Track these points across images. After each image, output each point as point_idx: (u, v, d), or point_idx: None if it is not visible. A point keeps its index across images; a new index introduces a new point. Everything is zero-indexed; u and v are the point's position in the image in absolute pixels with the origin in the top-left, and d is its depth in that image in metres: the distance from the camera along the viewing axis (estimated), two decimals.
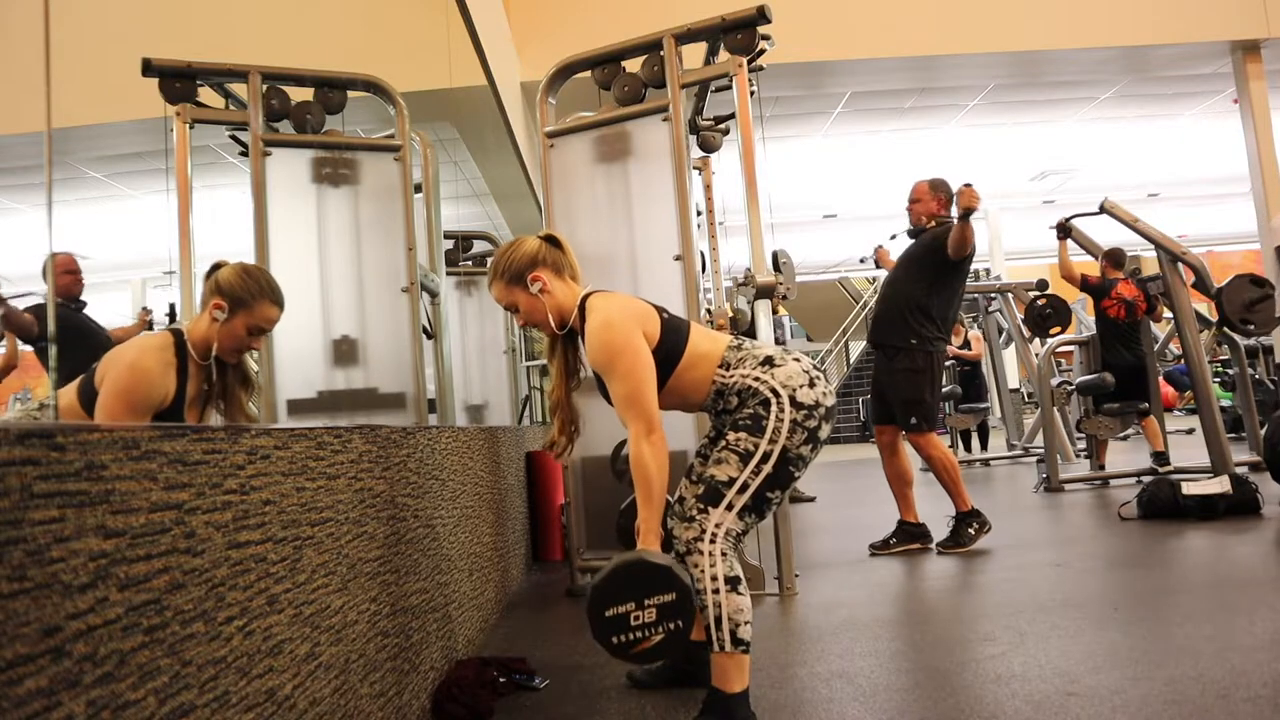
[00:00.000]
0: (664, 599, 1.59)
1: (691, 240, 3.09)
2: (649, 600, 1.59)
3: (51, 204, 1.49)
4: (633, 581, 1.60)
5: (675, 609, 1.59)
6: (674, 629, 1.59)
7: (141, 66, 2.98)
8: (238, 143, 3.26)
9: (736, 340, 1.87)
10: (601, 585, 1.61)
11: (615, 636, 1.60)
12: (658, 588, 1.59)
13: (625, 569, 1.61)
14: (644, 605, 1.59)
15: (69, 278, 3.05)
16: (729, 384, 1.80)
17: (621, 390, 1.73)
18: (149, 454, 0.90)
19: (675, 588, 1.59)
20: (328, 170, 3.26)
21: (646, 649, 1.60)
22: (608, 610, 1.60)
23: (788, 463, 1.73)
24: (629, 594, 1.59)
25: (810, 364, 1.82)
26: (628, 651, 1.61)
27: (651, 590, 1.59)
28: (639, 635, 1.59)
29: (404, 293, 3.25)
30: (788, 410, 1.73)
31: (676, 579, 1.60)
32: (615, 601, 1.60)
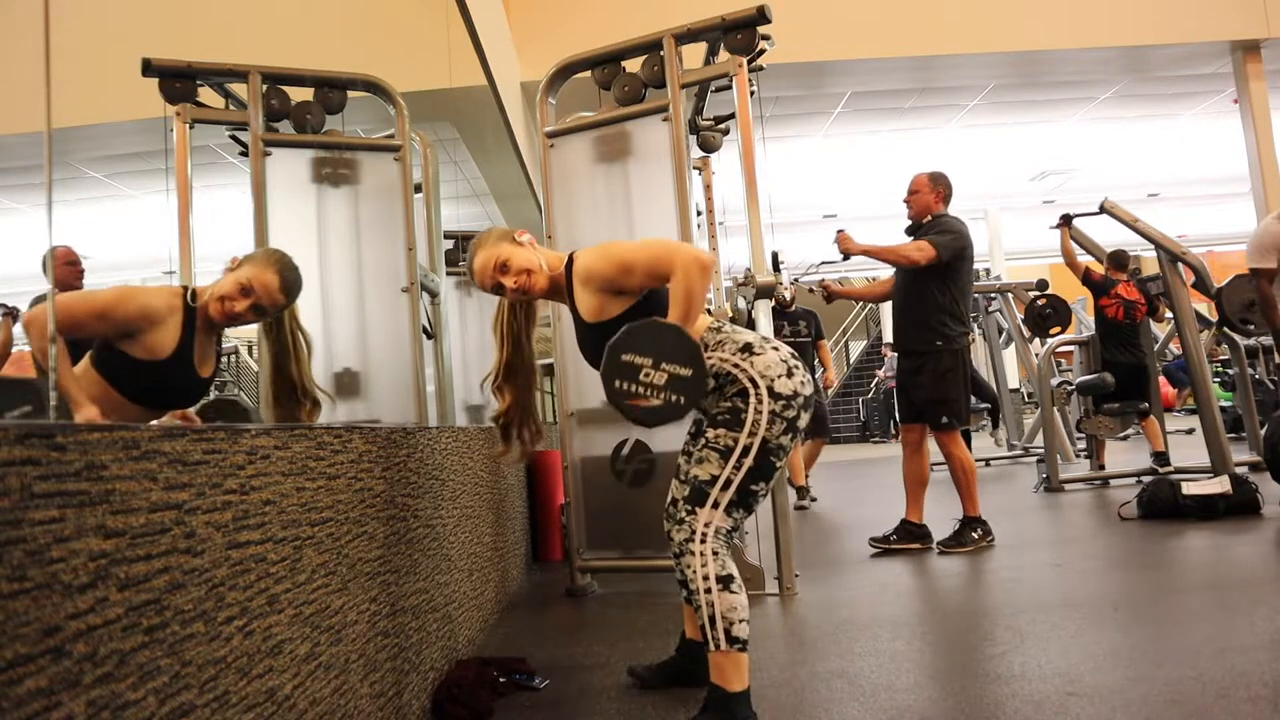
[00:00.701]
0: (680, 370, 1.62)
1: (691, 240, 3.09)
2: (666, 364, 1.62)
3: (51, 204, 1.49)
4: (662, 341, 1.63)
5: (685, 384, 1.62)
6: (674, 401, 1.62)
7: (141, 66, 2.98)
8: (238, 143, 3.26)
9: (717, 324, 1.86)
10: (634, 330, 1.65)
11: (620, 381, 1.63)
12: (679, 357, 1.62)
13: (662, 328, 1.65)
14: (660, 366, 1.63)
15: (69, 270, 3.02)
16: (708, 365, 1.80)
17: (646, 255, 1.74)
18: (149, 454, 0.90)
19: (696, 366, 1.62)
20: (328, 170, 3.26)
21: (639, 406, 1.64)
22: (625, 354, 1.64)
23: (768, 453, 1.73)
24: (652, 350, 1.63)
25: (789, 353, 1.81)
26: (623, 400, 1.64)
27: (674, 356, 1.62)
28: (640, 390, 1.63)
29: (404, 293, 3.25)
30: (765, 401, 1.72)
31: (703, 362, 1.64)
32: (637, 350, 1.63)
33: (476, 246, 1.87)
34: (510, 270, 1.82)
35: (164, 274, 3.05)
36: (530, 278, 1.83)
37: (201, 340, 1.90)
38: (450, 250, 5.05)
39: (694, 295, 1.68)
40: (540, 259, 1.85)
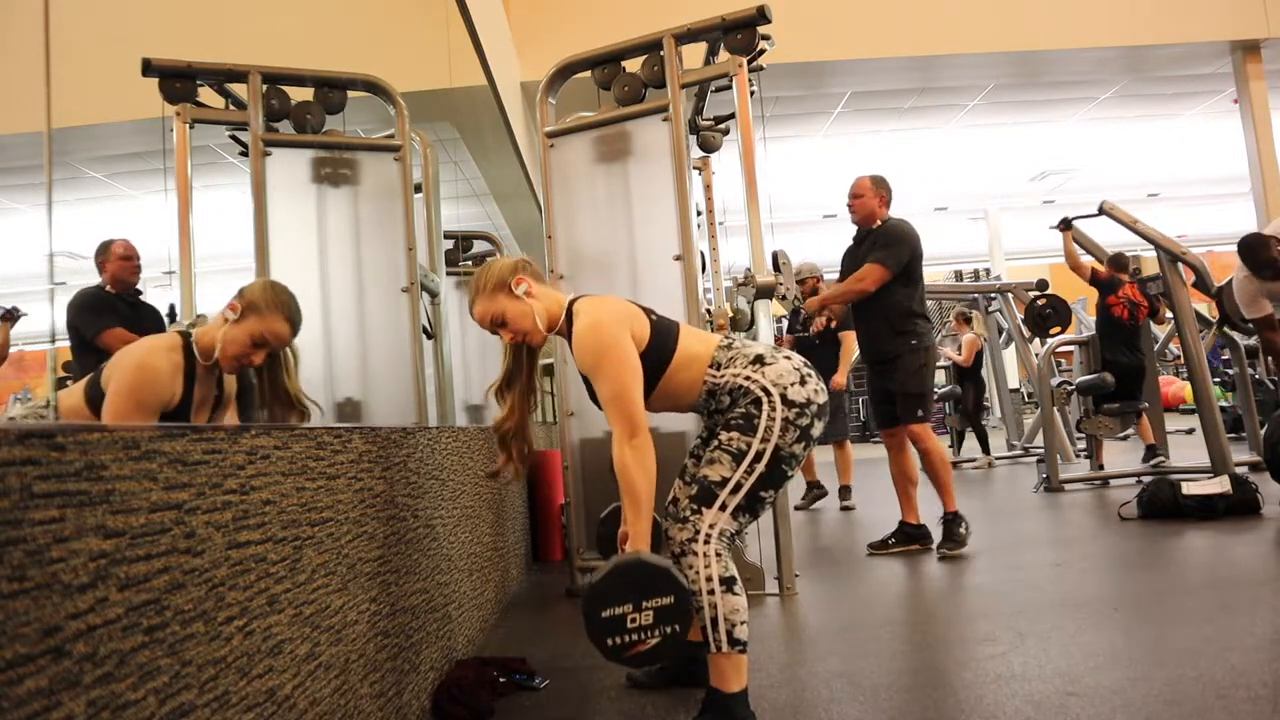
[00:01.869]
0: (662, 602, 1.57)
1: (691, 240, 3.09)
2: (647, 603, 1.57)
3: (51, 204, 1.49)
4: (631, 583, 1.58)
5: (673, 612, 1.57)
6: (671, 632, 1.57)
7: (141, 66, 2.98)
8: (238, 143, 3.26)
9: (727, 340, 1.86)
10: (599, 586, 1.60)
11: (611, 638, 1.58)
12: (656, 590, 1.57)
13: (624, 569, 1.59)
14: (642, 607, 1.57)
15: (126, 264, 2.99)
16: (720, 384, 1.80)
17: (607, 391, 1.72)
18: (149, 454, 0.90)
19: (674, 590, 1.57)
20: (328, 170, 3.26)
21: (643, 652, 1.59)
22: (604, 611, 1.58)
23: (780, 461, 1.73)
24: (627, 595, 1.57)
25: (801, 361, 1.81)
26: (623, 654, 1.59)
27: (650, 592, 1.57)
28: (635, 638, 1.57)
29: (404, 293, 3.24)
30: (779, 409, 1.72)
31: (675, 581, 1.58)
32: (613, 603, 1.58)
33: (476, 290, 1.86)
34: (507, 327, 1.84)
35: (164, 274, 3.05)
36: (527, 337, 1.85)
37: (201, 390, 1.91)
38: (450, 250, 5.06)
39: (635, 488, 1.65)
40: (538, 313, 1.83)
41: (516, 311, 1.82)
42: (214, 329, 1.88)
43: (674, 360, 1.81)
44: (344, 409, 3.17)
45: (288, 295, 1.93)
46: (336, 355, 3.21)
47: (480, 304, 1.85)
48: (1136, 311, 5.47)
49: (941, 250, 14.95)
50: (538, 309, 1.83)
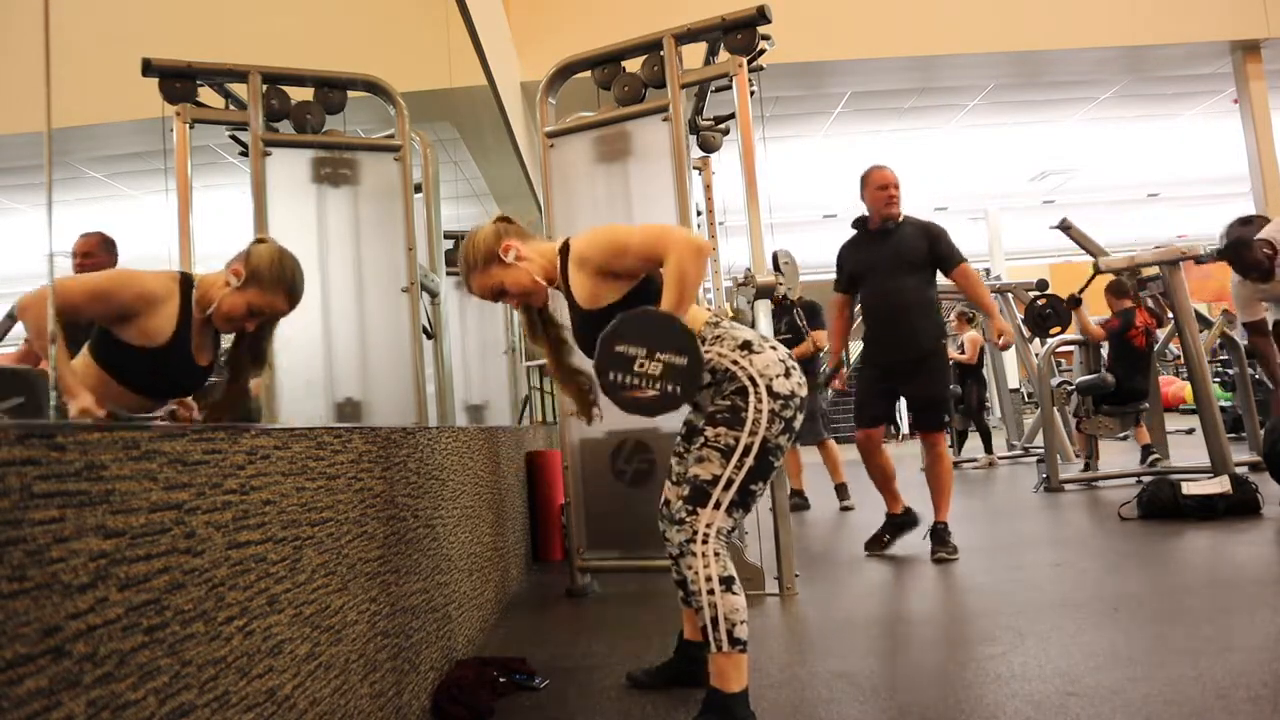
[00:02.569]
0: (675, 359, 1.60)
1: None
2: (661, 353, 1.60)
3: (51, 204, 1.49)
4: (656, 330, 1.61)
5: (681, 373, 1.60)
6: (671, 391, 1.60)
7: (141, 66, 2.98)
8: (238, 143, 3.26)
9: (715, 318, 1.85)
10: (625, 320, 1.63)
11: (615, 373, 1.62)
12: (673, 345, 1.60)
13: (656, 316, 1.63)
14: (654, 356, 1.60)
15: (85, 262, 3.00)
16: (705, 359, 1.79)
17: (641, 235, 1.73)
18: (149, 454, 0.90)
19: (691, 355, 1.60)
20: (328, 170, 3.26)
21: (636, 398, 1.62)
22: (619, 345, 1.62)
23: (767, 453, 1.73)
24: (646, 339, 1.61)
25: (785, 353, 1.81)
26: (618, 393, 1.63)
27: (668, 345, 1.60)
28: (635, 381, 1.61)
29: (404, 293, 3.25)
30: (765, 400, 1.71)
31: (697, 350, 1.62)
32: (630, 340, 1.61)
33: (468, 268, 1.87)
34: (509, 294, 1.86)
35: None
36: (530, 296, 1.87)
37: (199, 329, 1.89)
38: (450, 250, 5.06)
39: (688, 279, 1.66)
40: (532, 268, 1.83)
41: (512, 278, 1.84)
42: (216, 287, 1.87)
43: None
44: (344, 409, 3.17)
45: (294, 271, 1.91)
46: (336, 355, 3.21)
47: (476, 281, 1.86)
48: (1152, 334, 5.51)
49: None
50: (533, 268, 1.84)
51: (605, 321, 1.68)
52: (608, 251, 1.75)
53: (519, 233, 1.88)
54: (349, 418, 3.16)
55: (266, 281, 1.86)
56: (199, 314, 1.88)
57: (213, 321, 1.88)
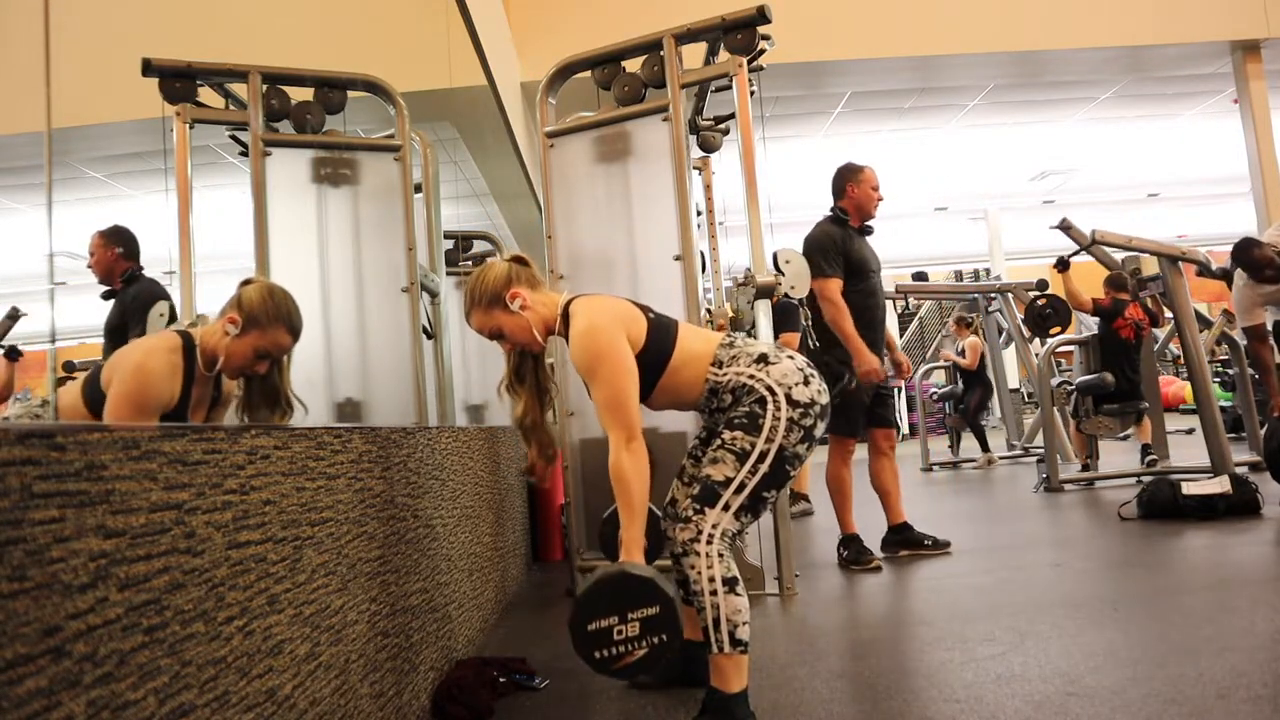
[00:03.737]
0: (647, 612, 1.56)
1: (691, 240, 3.09)
2: (632, 614, 1.56)
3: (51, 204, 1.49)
4: (616, 595, 1.57)
5: (659, 622, 1.56)
6: (657, 643, 1.57)
7: (141, 66, 2.98)
8: (238, 143, 3.26)
9: (729, 338, 1.86)
10: (584, 599, 1.59)
11: (598, 651, 1.58)
12: (641, 601, 1.56)
13: (608, 582, 1.59)
14: (627, 619, 1.56)
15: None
16: (723, 382, 1.79)
17: (602, 396, 1.71)
18: (149, 454, 0.90)
19: (659, 600, 1.57)
20: (328, 170, 3.26)
21: (629, 664, 1.58)
22: (590, 625, 1.58)
23: (784, 461, 1.72)
24: (612, 607, 1.57)
25: (804, 361, 1.81)
26: (610, 667, 1.59)
27: (634, 603, 1.56)
28: (622, 650, 1.57)
29: (404, 293, 3.24)
30: (784, 408, 1.72)
31: (660, 591, 1.57)
32: (598, 615, 1.57)
33: (471, 301, 1.86)
34: (505, 340, 1.86)
35: (164, 274, 3.05)
36: (526, 347, 1.87)
37: (199, 391, 1.91)
38: (450, 250, 5.06)
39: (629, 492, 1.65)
40: (534, 319, 1.83)
41: (513, 325, 1.83)
42: (216, 337, 1.87)
43: (673, 358, 1.81)
44: (344, 409, 3.17)
45: (288, 304, 1.92)
46: (336, 355, 3.21)
47: (476, 317, 1.86)
48: (1141, 330, 5.51)
49: (941, 250, 14.95)
50: (534, 319, 1.83)
51: None
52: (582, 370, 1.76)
53: (530, 279, 1.87)
54: (349, 418, 3.15)
55: (264, 321, 1.87)
56: (206, 370, 1.89)
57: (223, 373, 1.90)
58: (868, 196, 3.62)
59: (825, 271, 3.45)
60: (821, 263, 3.46)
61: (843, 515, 3.52)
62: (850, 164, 3.69)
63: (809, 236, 3.61)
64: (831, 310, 3.42)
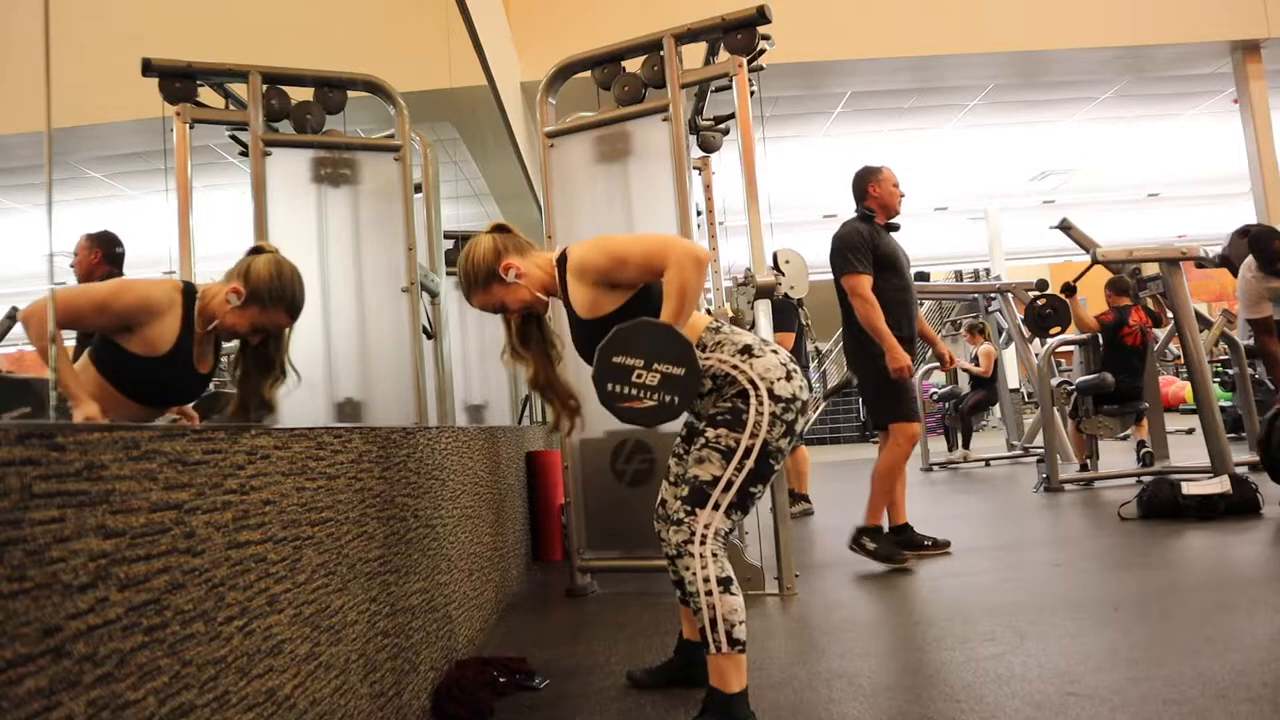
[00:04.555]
0: (673, 370, 1.60)
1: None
2: (659, 364, 1.61)
3: (51, 204, 1.49)
4: (654, 341, 1.62)
5: (678, 384, 1.60)
6: (669, 401, 1.61)
7: (141, 66, 2.99)
8: (238, 143, 3.26)
9: (715, 324, 1.85)
10: (623, 331, 1.63)
11: (612, 384, 1.62)
12: (672, 356, 1.61)
13: (651, 327, 1.63)
14: (652, 367, 1.61)
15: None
16: (705, 366, 1.79)
17: (641, 247, 1.73)
18: (149, 454, 0.90)
19: (689, 365, 1.61)
20: (328, 170, 3.27)
21: (634, 408, 1.62)
22: (616, 356, 1.62)
23: (768, 456, 1.72)
24: (644, 350, 1.61)
25: (787, 356, 1.81)
26: (616, 404, 1.63)
27: (666, 356, 1.61)
28: (633, 392, 1.61)
29: (404, 293, 3.25)
30: (766, 403, 1.71)
31: (695, 360, 1.62)
32: (628, 351, 1.62)
33: (468, 285, 1.87)
34: (509, 310, 1.88)
35: (164, 274, 3.06)
36: (531, 309, 1.89)
37: (200, 337, 1.90)
38: (450, 250, 5.06)
39: (688, 290, 1.67)
40: (532, 283, 1.84)
41: (513, 297, 1.86)
42: (218, 301, 1.87)
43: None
44: (344, 409, 3.17)
45: (294, 285, 1.92)
46: (336, 355, 3.21)
47: (478, 299, 1.89)
48: (1147, 334, 5.52)
49: (941, 250, 14.96)
50: (532, 284, 1.85)
51: (604, 330, 1.69)
52: (608, 262, 1.75)
53: (517, 245, 1.88)
54: (349, 418, 3.16)
55: (267, 300, 1.88)
56: (201, 327, 1.89)
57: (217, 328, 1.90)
58: (890, 194, 3.57)
59: (856, 267, 3.38)
60: (851, 259, 3.40)
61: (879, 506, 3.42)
62: (867, 166, 3.66)
63: (837, 235, 3.55)
64: (864, 306, 3.35)
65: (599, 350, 1.64)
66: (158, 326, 1.81)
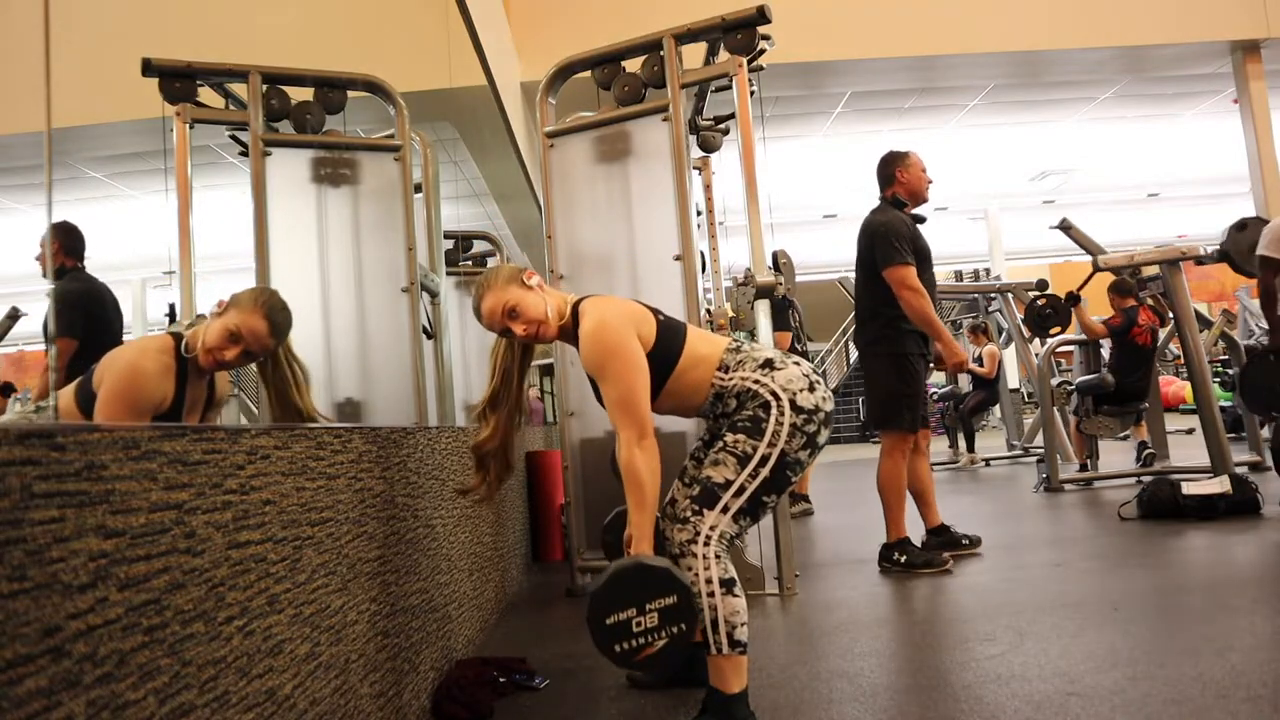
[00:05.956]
0: (665, 602, 1.56)
1: (691, 240, 3.09)
2: (650, 605, 1.56)
3: (51, 204, 1.49)
4: (632, 586, 1.57)
5: (677, 612, 1.56)
6: (677, 633, 1.57)
7: (141, 66, 2.98)
8: (238, 143, 3.26)
9: (735, 343, 1.85)
10: (600, 593, 1.59)
11: (618, 645, 1.57)
12: (658, 591, 1.56)
13: (623, 574, 1.59)
14: (645, 610, 1.56)
15: None
16: (728, 387, 1.79)
17: (614, 394, 1.71)
18: (149, 454, 0.90)
19: (675, 589, 1.57)
20: (328, 170, 3.26)
21: (651, 655, 1.58)
22: (608, 618, 1.57)
23: (785, 467, 1.72)
24: (629, 600, 1.56)
25: (810, 368, 1.81)
26: (631, 660, 1.58)
27: (652, 594, 1.56)
28: (642, 641, 1.57)
29: (404, 293, 3.25)
30: (788, 414, 1.71)
31: (676, 580, 1.57)
32: (616, 608, 1.57)
33: (484, 287, 1.84)
34: (520, 318, 1.81)
35: (164, 274, 3.06)
36: (540, 327, 1.82)
37: (192, 392, 1.92)
38: (450, 250, 5.06)
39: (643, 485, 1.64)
40: (548, 307, 1.82)
41: (530, 300, 1.81)
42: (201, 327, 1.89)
43: (680, 361, 1.80)
44: (344, 409, 3.17)
45: (275, 299, 1.92)
46: (336, 355, 3.21)
47: (491, 297, 1.82)
48: (1156, 333, 5.52)
49: (941, 250, 14.90)
50: (550, 298, 1.84)
51: None
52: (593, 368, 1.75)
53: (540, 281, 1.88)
54: (349, 417, 3.16)
55: (244, 304, 1.88)
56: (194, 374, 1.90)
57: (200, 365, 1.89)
58: (919, 179, 3.45)
59: (903, 258, 3.22)
60: (899, 248, 3.24)
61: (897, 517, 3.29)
62: (893, 151, 3.53)
63: (876, 222, 3.37)
64: (915, 298, 3.19)
65: (588, 621, 1.59)
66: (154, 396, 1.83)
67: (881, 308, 3.32)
